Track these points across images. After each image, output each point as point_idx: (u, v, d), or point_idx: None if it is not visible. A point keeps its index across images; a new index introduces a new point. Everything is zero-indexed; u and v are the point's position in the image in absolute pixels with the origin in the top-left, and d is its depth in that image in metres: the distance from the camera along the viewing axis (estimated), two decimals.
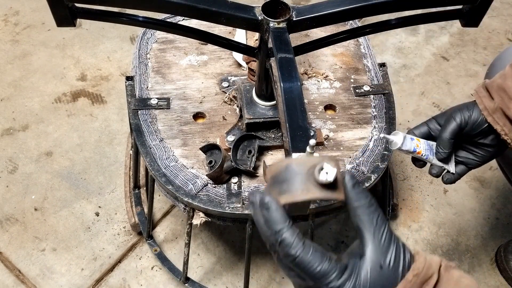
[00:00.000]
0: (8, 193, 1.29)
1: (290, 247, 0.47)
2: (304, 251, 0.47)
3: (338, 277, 0.47)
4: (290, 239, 0.47)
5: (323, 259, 0.47)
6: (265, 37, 0.79)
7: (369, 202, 0.49)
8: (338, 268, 0.47)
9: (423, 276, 0.47)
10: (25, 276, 1.15)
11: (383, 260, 0.47)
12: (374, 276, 0.47)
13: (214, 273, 1.18)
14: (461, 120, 0.77)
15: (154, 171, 0.91)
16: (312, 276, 0.47)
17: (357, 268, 0.47)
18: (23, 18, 1.75)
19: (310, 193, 0.48)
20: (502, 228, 1.29)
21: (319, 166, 0.47)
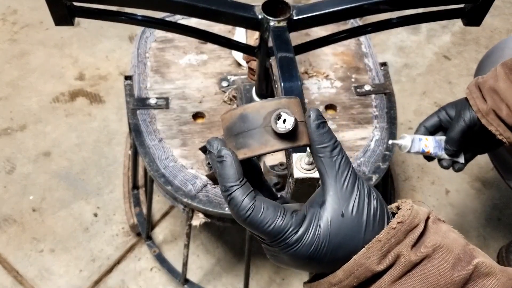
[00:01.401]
0: (6, 193, 1.28)
1: (239, 207, 0.43)
2: (255, 210, 0.43)
3: (295, 230, 0.43)
4: (239, 198, 0.44)
5: (276, 215, 0.43)
6: (265, 36, 0.78)
7: (333, 145, 0.45)
8: (294, 221, 0.43)
9: (408, 224, 0.43)
10: (23, 277, 1.14)
11: (345, 207, 0.43)
12: (335, 225, 0.43)
13: (213, 274, 1.17)
14: (470, 121, 0.79)
15: (153, 171, 0.90)
16: (267, 235, 0.43)
17: (316, 218, 0.43)
18: (21, 17, 1.74)
19: (268, 146, 0.44)
20: (504, 228, 1.28)
21: (275, 115, 0.44)
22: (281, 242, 0.43)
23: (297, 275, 1.17)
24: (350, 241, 0.43)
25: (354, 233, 0.43)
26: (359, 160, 0.94)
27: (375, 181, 0.90)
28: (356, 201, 0.43)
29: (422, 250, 0.42)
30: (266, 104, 0.44)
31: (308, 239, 0.43)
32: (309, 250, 0.43)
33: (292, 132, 0.44)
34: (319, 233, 0.43)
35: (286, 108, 0.44)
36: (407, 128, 1.48)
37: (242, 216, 0.43)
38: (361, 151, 0.95)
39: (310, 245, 0.43)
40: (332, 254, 0.43)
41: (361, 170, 0.92)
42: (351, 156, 0.95)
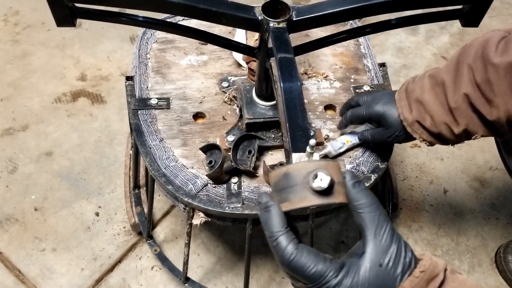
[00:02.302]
0: (8, 193, 1.29)
1: (284, 251, 0.48)
2: (298, 255, 0.48)
3: (335, 275, 0.47)
4: (284, 243, 0.49)
5: (317, 261, 0.48)
6: (265, 37, 0.79)
7: (370, 201, 0.50)
8: (333, 267, 0.48)
9: (430, 274, 0.47)
10: (25, 276, 1.15)
11: (383, 259, 0.48)
12: (372, 274, 0.47)
13: (214, 273, 1.18)
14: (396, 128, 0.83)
15: (154, 171, 0.91)
16: (308, 278, 0.48)
17: (355, 266, 0.48)
18: (23, 18, 1.75)
19: (306, 201, 0.50)
20: (502, 228, 1.29)
21: (313, 174, 0.49)
22: (322, 285, 0.48)
23: None
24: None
25: (388, 282, 0.48)
26: (358, 160, 0.94)
27: (374, 180, 0.91)
28: (394, 253, 0.48)
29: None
30: (308, 165, 0.51)
31: (347, 284, 0.47)
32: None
33: (327, 189, 0.49)
34: (357, 280, 0.47)
35: (324, 169, 0.49)
36: None
37: (286, 260, 0.49)
38: (360, 150, 0.96)
39: (351, 285, 0.47)
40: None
41: (360, 170, 0.93)
42: (350, 156, 0.96)
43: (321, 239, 1.24)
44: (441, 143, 0.80)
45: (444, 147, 1.45)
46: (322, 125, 1.00)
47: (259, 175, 0.92)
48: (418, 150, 1.44)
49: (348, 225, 1.27)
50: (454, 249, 1.25)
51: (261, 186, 0.90)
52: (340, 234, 1.26)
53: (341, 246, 1.24)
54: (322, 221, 1.28)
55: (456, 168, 1.41)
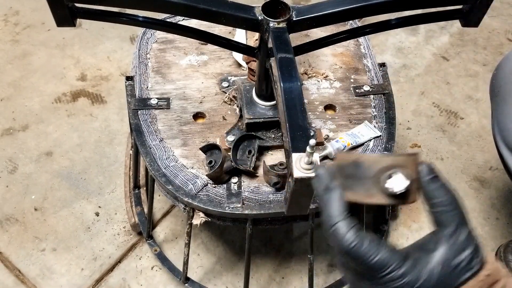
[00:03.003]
0: (8, 193, 1.29)
1: (343, 239, 0.45)
2: (359, 243, 0.44)
3: (399, 266, 0.44)
4: (343, 229, 0.45)
5: (380, 249, 0.44)
6: (265, 37, 0.79)
7: (450, 199, 0.47)
8: (398, 256, 0.45)
9: (493, 278, 0.46)
10: (25, 276, 1.15)
11: (456, 260, 0.45)
12: (440, 274, 0.45)
13: (214, 273, 1.18)
14: None
15: (154, 171, 0.91)
16: (370, 267, 0.44)
17: (423, 262, 0.45)
18: (23, 18, 1.75)
19: (374, 199, 0.46)
20: (502, 228, 1.29)
21: (388, 174, 0.45)
22: (385, 275, 0.44)
23: (296, 274, 1.18)
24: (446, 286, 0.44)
25: (453, 282, 0.45)
26: None
27: None
28: (467, 257, 0.45)
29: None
30: (383, 159, 0.46)
31: (412, 278, 0.44)
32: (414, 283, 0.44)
33: (402, 194, 0.45)
34: (423, 275, 0.44)
35: (402, 167, 0.45)
36: (405, 128, 1.49)
37: (345, 247, 0.45)
38: (360, 150, 0.96)
39: (414, 282, 0.44)
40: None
41: None
42: None
43: (321, 239, 1.24)
44: None
45: (444, 147, 1.45)
46: (322, 125, 1.00)
47: (259, 175, 0.92)
48: (418, 150, 1.44)
49: None
50: None
51: (261, 186, 0.90)
52: None
53: None
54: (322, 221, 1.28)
55: (456, 168, 1.41)
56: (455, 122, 1.52)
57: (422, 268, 0.45)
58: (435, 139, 1.47)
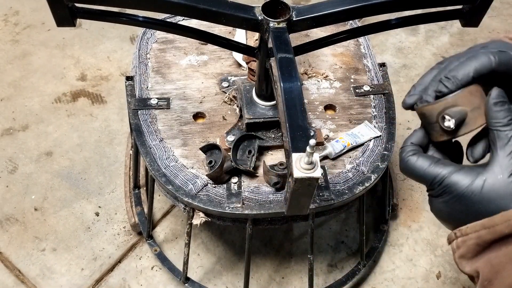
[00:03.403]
0: (8, 193, 1.29)
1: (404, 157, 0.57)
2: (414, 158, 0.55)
3: (453, 172, 0.50)
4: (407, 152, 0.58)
5: (431, 162, 0.53)
6: (265, 37, 0.79)
7: (507, 121, 0.50)
8: (449, 168, 0.51)
9: None
10: (25, 276, 1.15)
11: (505, 172, 0.48)
12: (491, 182, 0.48)
13: (214, 273, 1.18)
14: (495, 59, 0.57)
15: (154, 171, 0.91)
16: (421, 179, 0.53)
17: (474, 171, 0.50)
18: (23, 18, 1.75)
19: (445, 136, 0.54)
20: None
21: (441, 116, 0.53)
22: (437, 182, 0.51)
23: (296, 274, 1.18)
24: (501, 200, 0.48)
25: (507, 194, 0.48)
26: (358, 160, 0.94)
27: (374, 180, 0.91)
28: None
29: None
30: (436, 106, 0.54)
31: (466, 179, 0.49)
32: (464, 192, 0.49)
33: (458, 126, 0.52)
34: (473, 181, 0.49)
35: (453, 105, 0.52)
36: (405, 128, 1.49)
37: (403, 164, 0.56)
38: (360, 150, 0.96)
39: (466, 185, 0.49)
40: (482, 205, 0.49)
41: (360, 170, 0.93)
42: (350, 156, 0.96)
43: (321, 239, 1.24)
44: None
45: None
46: (322, 125, 1.00)
47: (259, 175, 0.92)
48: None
49: (348, 225, 1.27)
50: None
51: (261, 186, 0.90)
52: (340, 234, 1.26)
53: (341, 246, 1.24)
54: (322, 221, 1.28)
55: None
56: None
57: (474, 176, 0.49)
58: None
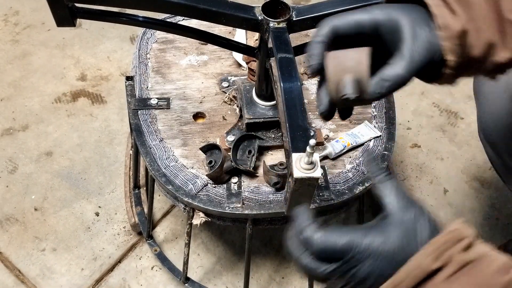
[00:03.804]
0: (8, 193, 1.29)
1: (313, 238, 0.50)
2: (326, 235, 0.49)
3: (365, 235, 0.49)
4: (310, 232, 0.50)
5: (343, 232, 0.49)
6: (265, 37, 0.79)
7: (387, 174, 0.53)
8: (360, 232, 0.49)
9: (459, 234, 0.48)
10: (25, 276, 1.15)
11: (407, 216, 0.50)
12: (399, 232, 0.49)
13: (214, 273, 1.18)
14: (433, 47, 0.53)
15: (154, 171, 0.91)
16: (340, 251, 0.48)
17: (383, 225, 0.50)
18: (23, 18, 1.75)
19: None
20: (502, 228, 1.29)
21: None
22: (356, 254, 0.48)
23: (296, 274, 1.18)
24: (408, 246, 0.48)
25: (411, 237, 0.49)
26: (358, 160, 0.94)
27: None
28: (416, 211, 0.50)
29: (471, 254, 0.47)
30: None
31: (380, 240, 0.48)
32: (380, 247, 0.48)
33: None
34: (387, 238, 0.49)
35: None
36: (405, 128, 1.49)
37: (319, 245, 0.50)
38: (360, 150, 0.96)
39: (380, 243, 0.48)
40: (394, 255, 0.48)
41: (360, 170, 0.93)
42: (350, 156, 0.96)
43: None
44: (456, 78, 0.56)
45: (444, 147, 1.45)
46: (322, 125, 1.00)
47: (259, 175, 0.92)
48: (418, 150, 1.44)
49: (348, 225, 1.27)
50: None
51: (261, 186, 0.90)
52: None
53: None
54: (322, 221, 1.28)
55: (456, 168, 1.41)
56: (455, 122, 1.52)
57: (384, 229, 0.49)
58: (435, 139, 1.47)
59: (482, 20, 0.51)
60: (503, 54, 0.52)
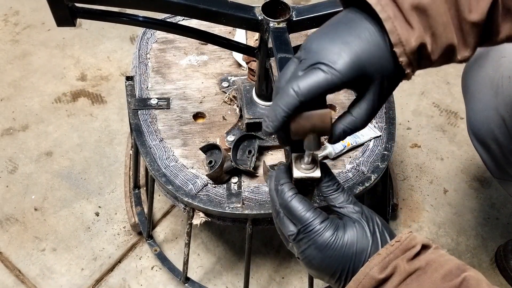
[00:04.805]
0: (8, 193, 1.29)
1: (285, 193, 0.55)
2: (296, 198, 0.54)
3: (321, 221, 0.52)
4: (286, 188, 0.55)
5: (310, 206, 0.54)
6: (265, 37, 0.79)
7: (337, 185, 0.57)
8: (321, 216, 0.53)
9: (406, 245, 0.50)
10: (25, 276, 1.15)
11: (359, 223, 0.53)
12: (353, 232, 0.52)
13: (214, 273, 1.18)
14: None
15: (154, 171, 0.91)
16: (300, 218, 0.53)
17: (337, 221, 0.53)
18: (23, 18, 1.75)
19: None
20: (502, 228, 1.29)
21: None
22: (309, 226, 0.52)
23: (296, 274, 1.18)
24: (360, 254, 0.51)
25: (364, 246, 0.51)
26: (358, 160, 0.94)
27: (374, 180, 0.91)
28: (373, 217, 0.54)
29: (416, 263, 0.48)
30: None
31: (330, 232, 0.52)
32: (328, 239, 0.51)
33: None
34: (337, 230, 0.52)
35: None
36: (405, 128, 1.49)
37: (286, 199, 0.54)
38: (360, 150, 0.96)
39: (330, 235, 0.52)
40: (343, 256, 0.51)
41: (360, 170, 0.93)
42: (350, 156, 0.96)
43: None
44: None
45: (444, 147, 1.45)
46: None
47: (259, 175, 0.92)
48: (418, 150, 1.44)
49: None
50: (454, 249, 1.25)
51: (261, 186, 0.90)
52: None
53: None
54: None
55: (456, 168, 1.41)
56: (455, 122, 1.52)
57: (338, 225, 0.53)
58: (435, 139, 1.47)
59: (440, 26, 0.49)
60: (463, 54, 0.51)
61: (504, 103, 0.82)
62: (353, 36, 0.50)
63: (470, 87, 0.93)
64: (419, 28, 0.48)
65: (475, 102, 0.90)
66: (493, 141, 0.86)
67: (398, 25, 0.48)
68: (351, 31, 0.50)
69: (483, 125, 0.86)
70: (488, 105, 0.85)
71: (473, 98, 0.91)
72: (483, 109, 0.87)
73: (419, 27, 0.48)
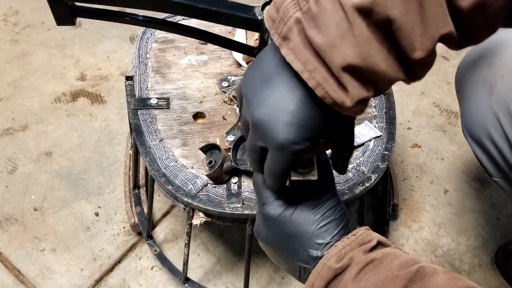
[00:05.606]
0: (8, 193, 1.29)
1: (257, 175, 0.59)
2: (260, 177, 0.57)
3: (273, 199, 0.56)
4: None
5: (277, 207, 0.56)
6: (265, 37, 0.79)
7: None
8: (277, 194, 0.56)
9: (362, 239, 0.52)
10: (25, 276, 1.15)
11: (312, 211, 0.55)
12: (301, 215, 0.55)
13: (214, 273, 1.18)
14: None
15: (154, 171, 0.91)
16: (260, 195, 0.58)
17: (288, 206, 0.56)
18: (22, 18, 1.75)
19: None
20: (502, 228, 1.29)
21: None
22: (263, 202, 0.57)
23: None
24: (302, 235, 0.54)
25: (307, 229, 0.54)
26: (358, 160, 0.94)
27: (374, 180, 0.91)
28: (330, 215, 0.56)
29: (372, 255, 0.50)
30: None
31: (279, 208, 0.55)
32: (275, 215, 0.55)
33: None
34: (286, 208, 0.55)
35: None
36: (406, 128, 1.49)
37: (255, 177, 0.59)
38: (360, 150, 0.96)
39: (277, 212, 0.55)
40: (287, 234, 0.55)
41: (360, 170, 0.93)
42: None
43: None
44: None
45: (444, 147, 1.45)
46: None
47: None
48: (418, 150, 1.44)
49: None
50: (455, 249, 1.25)
51: None
52: None
53: None
54: None
55: (457, 168, 1.41)
56: (455, 122, 1.51)
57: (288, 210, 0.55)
58: (435, 139, 1.47)
59: (380, 75, 0.45)
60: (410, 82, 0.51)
61: (498, 102, 0.82)
62: (291, 100, 0.46)
63: (464, 87, 0.93)
64: (354, 87, 0.44)
65: (469, 101, 0.90)
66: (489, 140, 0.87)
67: (330, 89, 0.44)
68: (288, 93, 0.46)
69: (478, 124, 0.87)
70: (482, 104, 0.86)
71: (467, 98, 0.91)
72: (478, 109, 0.87)
73: (354, 86, 0.44)
